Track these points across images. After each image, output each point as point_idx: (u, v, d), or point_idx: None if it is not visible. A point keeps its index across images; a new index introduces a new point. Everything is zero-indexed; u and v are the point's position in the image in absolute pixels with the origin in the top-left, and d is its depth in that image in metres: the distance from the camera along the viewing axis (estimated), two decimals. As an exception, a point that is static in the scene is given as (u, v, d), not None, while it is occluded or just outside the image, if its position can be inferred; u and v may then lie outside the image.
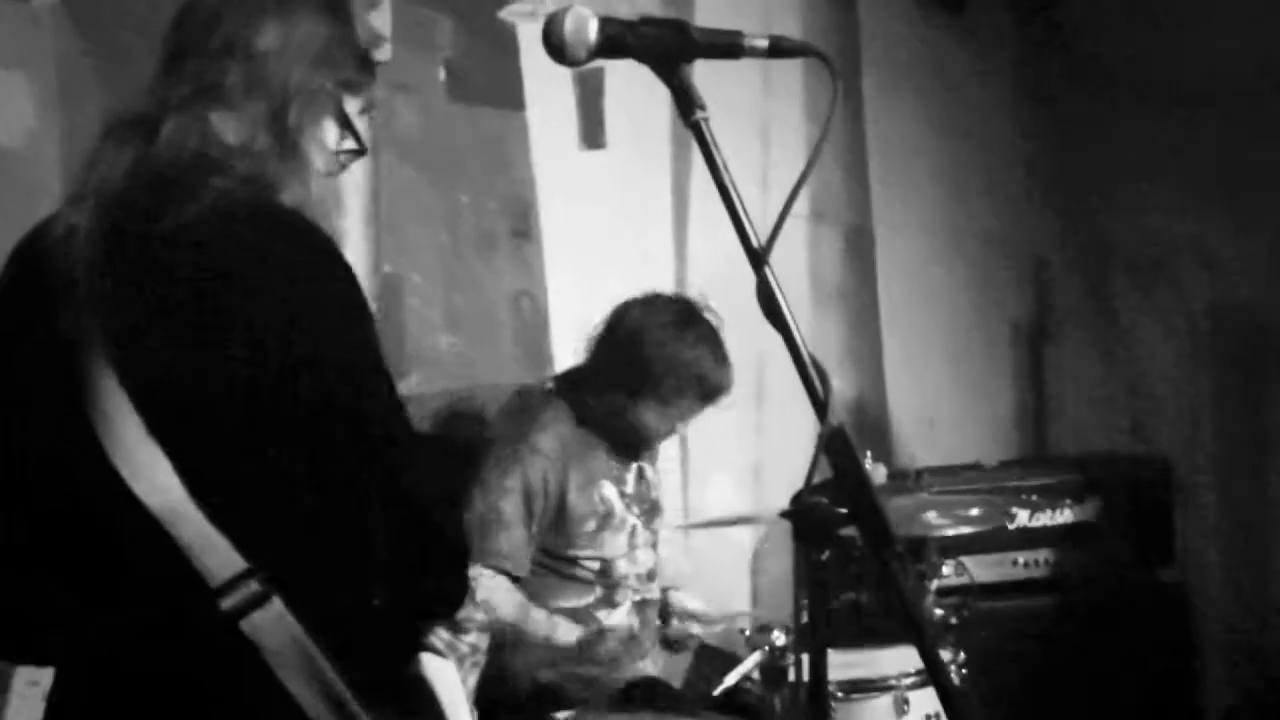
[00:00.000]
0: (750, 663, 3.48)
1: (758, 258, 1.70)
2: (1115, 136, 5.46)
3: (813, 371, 1.70)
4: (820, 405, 1.69)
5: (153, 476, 1.75)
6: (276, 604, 1.77)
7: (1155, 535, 4.90)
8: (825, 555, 2.02)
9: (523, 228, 4.33)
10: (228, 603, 1.76)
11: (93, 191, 1.85)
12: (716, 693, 3.47)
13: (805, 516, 3.20)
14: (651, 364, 3.51)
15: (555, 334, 4.36)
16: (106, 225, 1.82)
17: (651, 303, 3.61)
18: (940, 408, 5.46)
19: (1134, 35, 5.35)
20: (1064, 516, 4.76)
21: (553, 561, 3.60)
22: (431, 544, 1.87)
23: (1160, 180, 5.36)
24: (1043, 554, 4.73)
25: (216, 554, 1.76)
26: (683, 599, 3.89)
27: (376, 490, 1.81)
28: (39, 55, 3.31)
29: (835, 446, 1.70)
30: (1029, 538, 4.72)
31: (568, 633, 3.54)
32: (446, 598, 1.97)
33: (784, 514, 3.27)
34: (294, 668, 1.76)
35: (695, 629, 3.83)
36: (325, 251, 1.84)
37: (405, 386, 3.85)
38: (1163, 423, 5.45)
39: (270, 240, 1.81)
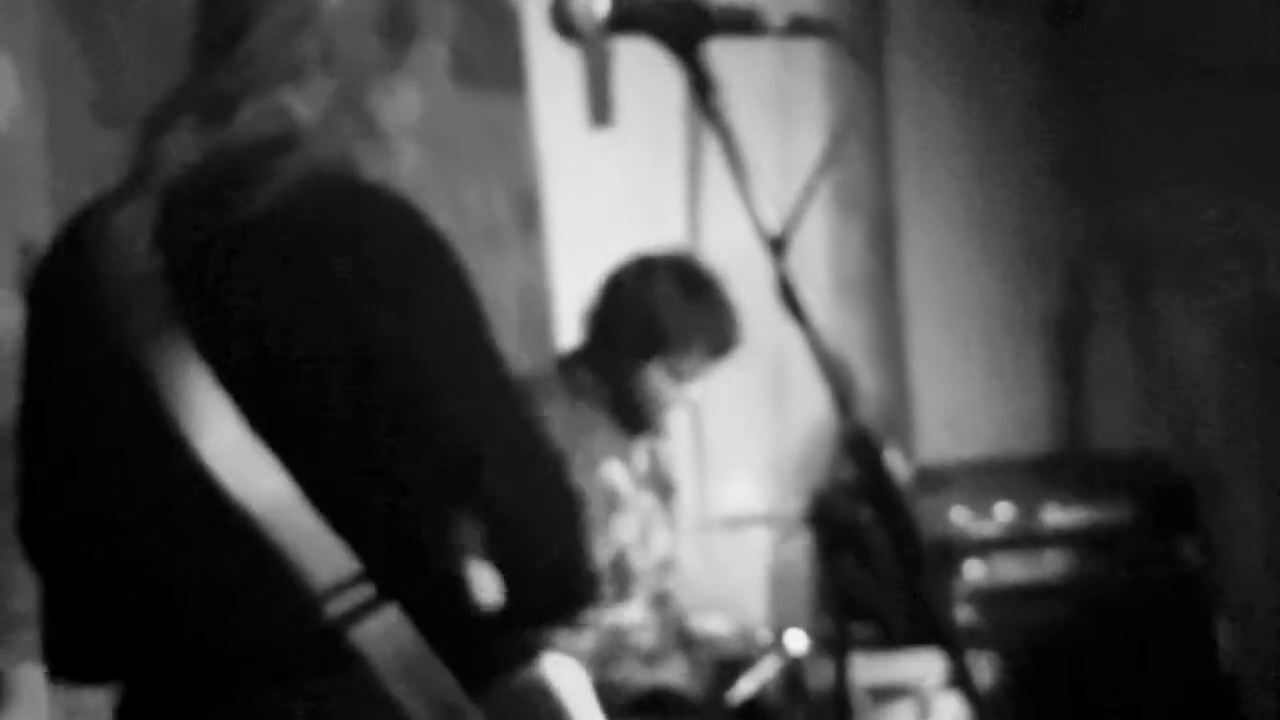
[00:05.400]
0: (768, 668, 3.40)
1: (777, 247, 1.62)
2: (1149, 121, 5.35)
3: (833, 366, 1.60)
4: (841, 402, 1.60)
5: (253, 478, 1.62)
6: (391, 610, 1.63)
7: (1190, 537, 4.81)
8: (847, 557, 1.93)
9: (529, 215, 4.25)
10: (334, 609, 1.62)
11: (160, 182, 1.73)
12: (736, 701, 3.39)
13: (826, 518, 3.12)
14: (661, 321, 3.44)
15: (561, 326, 4.27)
16: (180, 219, 1.70)
17: (650, 262, 3.54)
18: (967, 403, 5.38)
19: (1168, 13, 5.25)
20: (1096, 516, 4.66)
21: None
22: (557, 545, 1.73)
23: (1197, 167, 5.25)
24: (1073, 554, 4.64)
25: (323, 557, 1.62)
26: (701, 624, 3.79)
27: (496, 488, 1.68)
28: (23, 37, 3.22)
29: (858, 445, 1.60)
30: (1059, 538, 4.62)
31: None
32: (576, 600, 1.82)
33: (805, 516, 3.21)
34: (409, 680, 1.63)
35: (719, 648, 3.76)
36: (424, 227, 1.71)
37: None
38: (1202, 420, 5.35)
39: (363, 218, 1.68)
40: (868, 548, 3.11)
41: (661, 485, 3.70)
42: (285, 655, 1.66)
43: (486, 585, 1.72)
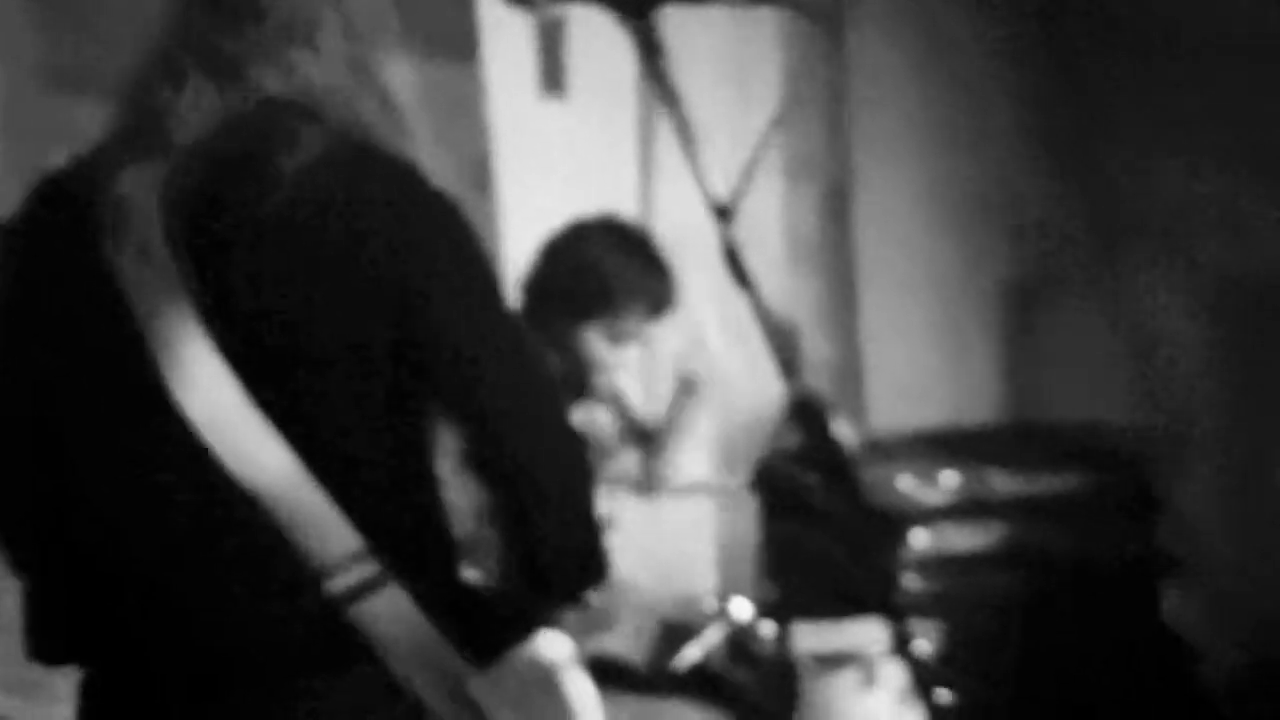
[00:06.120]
0: (712, 635, 3.40)
1: (723, 214, 1.64)
2: (1118, 85, 5.30)
3: (779, 334, 1.64)
4: (786, 369, 1.63)
5: (253, 450, 1.59)
6: (395, 588, 1.61)
7: (1143, 510, 4.78)
8: (793, 524, 1.94)
9: (480, 183, 4.23)
10: (337, 585, 1.59)
11: (171, 143, 1.68)
12: (681, 669, 3.39)
13: (772, 485, 3.12)
14: (600, 278, 3.44)
15: (510, 296, 4.27)
16: (203, 187, 1.66)
17: (585, 225, 3.56)
18: (921, 371, 5.37)
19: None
20: (1046, 486, 4.64)
21: None
22: (574, 519, 1.72)
23: (1169, 131, 5.19)
24: (1022, 524, 4.62)
25: (325, 533, 1.59)
26: (645, 592, 3.79)
27: (520, 460, 1.68)
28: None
29: (804, 412, 1.64)
30: (1008, 507, 4.57)
31: None
32: (590, 575, 1.81)
33: (751, 483, 3.21)
34: (412, 657, 1.61)
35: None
36: (438, 199, 1.70)
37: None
38: (1173, 396, 5.31)
39: (381, 190, 1.67)
40: (814, 514, 3.12)
41: (640, 435, 3.70)
42: (286, 639, 1.63)
43: (486, 562, 1.72)
